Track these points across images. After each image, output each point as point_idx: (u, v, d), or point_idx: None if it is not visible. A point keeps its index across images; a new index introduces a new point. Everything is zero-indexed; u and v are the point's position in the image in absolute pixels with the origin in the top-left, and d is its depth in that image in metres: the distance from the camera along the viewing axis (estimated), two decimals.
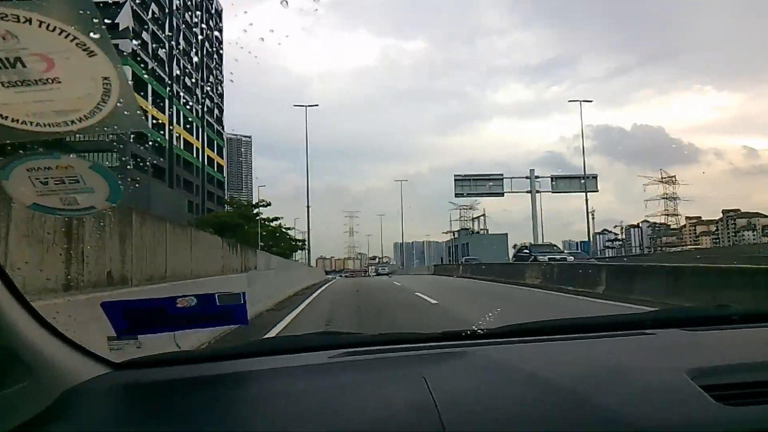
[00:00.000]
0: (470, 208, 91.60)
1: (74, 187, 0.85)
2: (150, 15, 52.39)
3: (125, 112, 0.75)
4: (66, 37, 0.68)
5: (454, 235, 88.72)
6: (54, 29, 0.67)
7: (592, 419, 0.87)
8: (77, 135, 0.77)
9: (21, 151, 0.82)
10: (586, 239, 48.47)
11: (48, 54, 0.68)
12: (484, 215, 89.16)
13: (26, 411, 0.80)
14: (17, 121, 0.73)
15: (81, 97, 0.72)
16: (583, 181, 42.18)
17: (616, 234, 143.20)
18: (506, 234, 64.30)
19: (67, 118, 0.74)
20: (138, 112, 0.76)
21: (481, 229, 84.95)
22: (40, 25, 0.66)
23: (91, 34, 0.68)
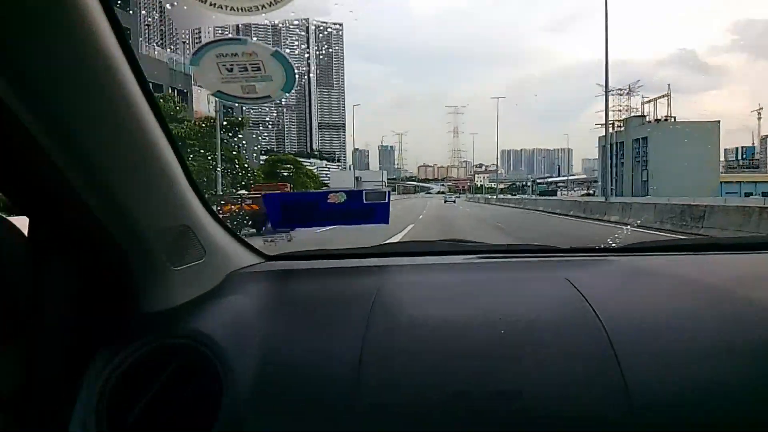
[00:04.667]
0: (629, 92, 61.51)
1: (255, 75, 0.96)
2: None
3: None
4: None
5: (615, 126, 54.12)
6: None
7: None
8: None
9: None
10: (750, 144, 41.72)
11: None
12: (668, 94, 54.79)
13: (201, 285, 1.01)
14: (213, 5, 0.83)
15: None
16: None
17: None
18: (718, 122, 42.72)
19: (259, 2, 0.82)
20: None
21: (666, 117, 53.88)
22: None
23: None
